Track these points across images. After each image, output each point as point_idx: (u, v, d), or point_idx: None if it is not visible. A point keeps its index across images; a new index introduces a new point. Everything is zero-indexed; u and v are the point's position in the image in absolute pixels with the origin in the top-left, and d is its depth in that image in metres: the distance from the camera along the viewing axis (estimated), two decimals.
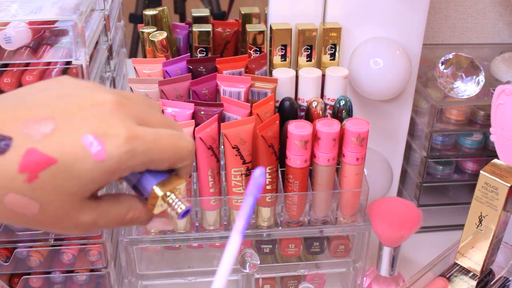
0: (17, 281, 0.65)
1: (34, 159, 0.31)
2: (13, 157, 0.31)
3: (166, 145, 0.35)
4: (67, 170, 0.32)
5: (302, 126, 0.60)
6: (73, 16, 0.54)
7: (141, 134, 0.34)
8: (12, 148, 0.31)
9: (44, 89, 0.35)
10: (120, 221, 0.37)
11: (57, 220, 0.33)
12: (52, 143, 0.31)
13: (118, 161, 0.33)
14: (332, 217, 0.67)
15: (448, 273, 0.65)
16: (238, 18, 0.74)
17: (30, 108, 0.33)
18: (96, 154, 0.32)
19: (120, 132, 0.33)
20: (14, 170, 0.31)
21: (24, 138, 0.31)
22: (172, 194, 0.36)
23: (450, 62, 0.78)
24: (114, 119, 0.33)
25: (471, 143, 0.82)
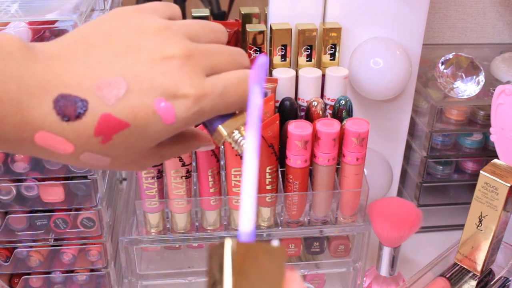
0: (17, 281, 0.65)
1: (108, 124, 0.32)
2: (89, 121, 0.32)
3: (233, 97, 0.36)
4: (139, 132, 0.33)
5: (302, 126, 0.60)
6: (73, 16, 0.54)
7: (209, 91, 0.34)
8: (88, 112, 0.32)
9: (111, 32, 0.34)
10: (182, 152, 0.41)
11: (125, 166, 0.36)
12: (125, 107, 0.32)
13: (186, 122, 0.34)
14: (332, 217, 0.67)
15: (448, 273, 0.65)
16: (238, 18, 0.74)
17: (101, 63, 0.33)
18: (166, 118, 0.33)
19: (189, 93, 0.34)
20: (90, 133, 0.32)
21: (99, 102, 0.32)
22: (237, 131, 0.37)
23: (450, 62, 0.78)
24: (183, 77, 0.34)
25: (471, 143, 0.82)
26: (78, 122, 0.32)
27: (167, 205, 0.64)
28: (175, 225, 0.65)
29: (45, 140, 0.32)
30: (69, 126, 0.32)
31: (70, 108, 0.31)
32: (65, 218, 0.61)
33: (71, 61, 0.33)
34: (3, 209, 0.61)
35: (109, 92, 0.32)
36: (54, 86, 0.31)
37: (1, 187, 0.59)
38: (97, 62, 0.33)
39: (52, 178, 0.59)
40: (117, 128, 0.33)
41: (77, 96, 0.32)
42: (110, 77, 0.33)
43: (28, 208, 0.61)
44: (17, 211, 0.61)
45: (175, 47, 0.34)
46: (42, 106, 0.31)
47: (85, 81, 0.32)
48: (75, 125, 0.32)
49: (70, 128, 0.32)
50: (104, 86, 0.32)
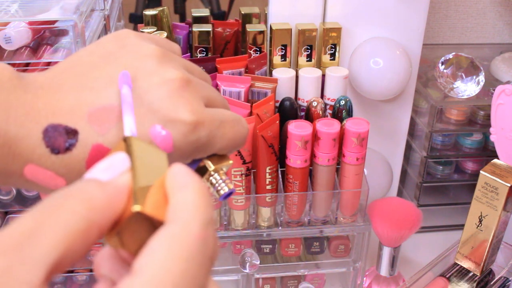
0: None
1: (100, 154, 0.30)
2: (80, 153, 0.30)
3: (228, 133, 0.34)
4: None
5: (302, 126, 0.60)
6: (73, 16, 0.54)
7: (208, 121, 0.32)
8: (79, 143, 0.30)
9: (106, 56, 0.33)
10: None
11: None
12: (118, 136, 0.30)
13: (183, 152, 0.32)
14: (332, 217, 0.67)
15: (448, 273, 0.65)
16: (238, 18, 0.74)
17: (93, 89, 0.31)
18: (164, 147, 0.31)
19: (188, 118, 0.31)
20: (81, 166, 0.30)
21: (90, 132, 0.30)
22: (216, 174, 0.34)
23: (450, 62, 0.78)
24: (182, 101, 0.31)
25: (471, 143, 0.82)
26: (68, 155, 0.30)
27: None
28: None
29: (34, 174, 0.30)
30: (59, 159, 0.30)
31: (60, 139, 0.30)
32: None
33: (62, 89, 0.31)
34: (3, 209, 0.61)
35: (101, 121, 0.30)
36: (44, 115, 0.30)
37: (1, 187, 0.59)
38: (89, 89, 0.31)
39: None
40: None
41: (67, 126, 0.30)
42: (103, 103, 0.30)
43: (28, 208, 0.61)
44: (17, 211, 0.61)
45: (175, 71, 0.32)
46: (31, 137, 0.29)
47: (76, 109, 0.30)
48: (65, 158, 0.30)
49: (60, 162, 0.30)
50: (96, 114, 0.30)
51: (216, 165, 0.34)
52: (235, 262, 0.66)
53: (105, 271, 0.27)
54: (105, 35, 0.35)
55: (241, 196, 0.63)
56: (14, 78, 0.30)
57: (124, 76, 0.31)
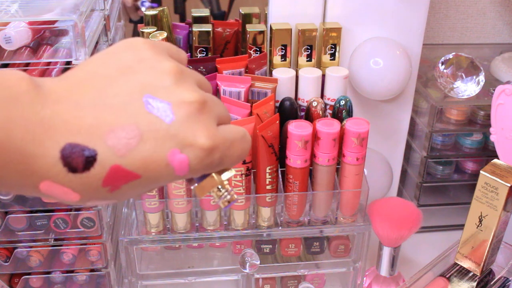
0: (17, 281, 0.65)
1: (118, 176, 0.31)
2: (98, 173, 0.30)
3: (237, 151, 0.35)
4: (148, 183, 0.32)
5: (302, 126, 0.60)
6: (73, 16, 0.54)
7: (221, 143, 0.33)
8: (97, 163, 0.30)
9: (123, 70, 0.32)
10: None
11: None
12: (137, 159, 0.31)
13: (196, 173, 0.33)
14: (332, 217, 0.67)
15: (448, 273, 0.65)
16: (238, 18, 0.74)
17: (112, 108, 0.31)
18: (180, 170, 0.32)
19: (205, 144, 0.32)
20: (98, 185, 0.31)
21: (109, 152, 0.30)
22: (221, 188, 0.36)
23: (450, 62, 0.78)
24: (200, 126, 0.32)
25: (471, 143, 0.82)
26: (86, 174, 0.30)
27: (167, 205, 0.64)
28: (175, 225, 0.65)
29: (50, 189, 0.30)
30: (76, 178, 0.30)
31: (78, 159, 0.30)
32: (65, 218, 0.61)
33: (79, 105, 0.31)
34: (3, 209, 0.61)
35: (121, 142, 0.30)
36: (62, 134, 0.30)
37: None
38: (109, 107, 0.31)
39: None
40: (126, 179, 0.31)
41: (85, 146, 0.30)
42: (122, 124, 0.30)
43: (28, 208, 0.61)
44: (17, 211, 0.61)
45: (192, 93, 0.32)
46: (48, 156, 0.29)
47: (95, 129, 0.30)
48: (83, 177, 0.30)
49: (77, 180, 0.30)
50: (115, 134, 0.30)
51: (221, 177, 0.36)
52: (235, 262, 0.66)
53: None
54: (118, 43, 0.34)
55: (241, 196, 0.63)
56: (31, 90, 0.30)
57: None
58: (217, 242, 0.68)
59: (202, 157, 0.32)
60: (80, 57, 0.55)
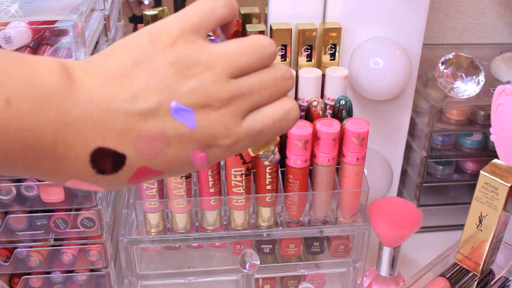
0: (17, 281, 0.65)
1: (143, 175, 0.33)
2: (125, 174, 0.32)
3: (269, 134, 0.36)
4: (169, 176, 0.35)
5: (302, 126, 0.60)
6: (73, 16, 0.54)
7: (243, 137, 0.35)
8: (125, 167, 0.32)
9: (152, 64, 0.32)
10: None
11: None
12: (162, 161, 0.33)
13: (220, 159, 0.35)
14: (332, 217, 0.67)
15: (448, 273, 0.65)
16: (238, 18, 0.74)
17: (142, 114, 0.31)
18: (199, 165, 0.34)
19: (224, 143, 0.34)
20: (124, 182, 0.33)
21: (137, 157, 0.32)
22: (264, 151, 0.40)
23: (450, 62, 0.78)
24: (221, 128, 0.33)
25: (471, 143, 0.82)
26: (114, 176, 0.32)
27: (167, 205, 0.64)
28: (175, 225, 0.65)
29: (76, 185, 0.32)
30: (104, 178, 0.32)
31: (107, 164, 0.31)
32: (65, 218, 0.61)
33: (110, 108, 0.30)
34: (3, 209, 0.61)
35: (148, 147, 0.32)
36: (92, 138, 0.30)
37: (1, 187, 0.59)
38: (139, 113, 0.31)
39: None
40: (150, 176, 0.33)
41: (115, 151, 0.31)
42: (151, 131, 0.31)
43: (28, 208, 0.61)
44: (17, 211, 0.61)
45: (217, 94, 0.32)
46: (78, 158, 0.30)
47: (125, 134, 0.31)
48: (110, 178, 0.32)
49: (104, 180, 0.32)
50: (144, 141, 0.31)
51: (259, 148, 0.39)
52: (235, 262, 0.66)
53: None
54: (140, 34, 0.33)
55: (241, 196, 0.63)
56: (62, 86, 0.29)
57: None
58: (217, 242, 0.68)
59: (220, 153, 0.34)
60: (80, 57, 0.55)
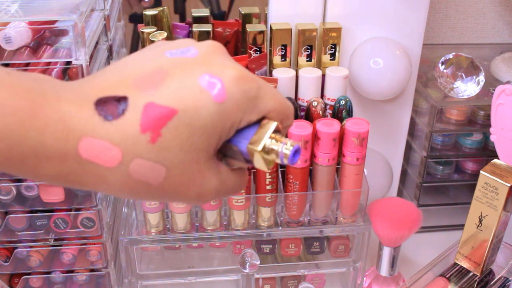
0: (17, 281, 0.65)
1: (154, 113, 0.29)
2: (133, 116, 0.29)
3: (276, 96, 0.34)
4: (189, 121, 0.30)
5: (302, 126, 0.60)
6: (73, 16, 0.54)
7: (253, 76, 0.33)
8: (130, 107, 0.29)
9: (144, 51, 0.33)
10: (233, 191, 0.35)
11: (181, 188, 0.31)
12: (168, 92, 0.30)
13: (237, 102, 0.31)
14: (332, 217, 0.67)
15: (448, 273, 0.65)
16: (238, 18, 0.74)
17: (135, 66, 0.31)
18: (217, 94, 0.30)
19: (236, 71, 0.31)
20: (136, 131, 0.29)
21: (139, 95, 0.30)
22: (272, 141, 0.32)
23: (450, 62, 0.78)
24: (226, 61, 0.32)
25: (471, 143, 0.82)
26: (122, 120, 0.29)
27: (167, 205, 0.64)
28: (175, 225, 0.65)
29: (89, 149, 0.29)
30: (113, 126, 0.29)
31: (112, 107, 0.29)
32: (65, 218, 0.61)
33: (105, 72, 0.32)
34: (3, 209, 0.61)
35: (148, 83, 0.30)
36: (92, 93, 0.30)
37: (1, 187, 0.59)
38: (131, 66, 0.32)
39: None
40: (164, 117, 0.29)
41: (116, 95, 0.30)
42: (148, 70, 0.31)
43: (28, 208, 0.61)
44: (17, 211, 0.61)
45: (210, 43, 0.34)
46: (83, 110, 0.29)
47: (122, 82, 0.31)
48: (119, 124, 0.29)
49: (114, 128, 0.29)
50: (142, 80, 0.30)
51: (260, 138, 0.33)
52: (235, 262, 0.66)
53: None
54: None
55: (241, 196, 0.63)
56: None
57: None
58: (217, 242, 0.68)
59: (236, 77, 0.31)
60: (80, 57, 0.55)
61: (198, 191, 0.32)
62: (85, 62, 0.55)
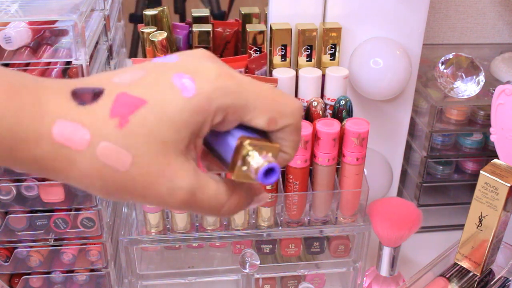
0: (17, 281, 0.65)
1: (124, 102, 0.31)
2: (105, 103, 0.31)
3: (264, 91, 0.33)
4: (158, 112, 0.31)
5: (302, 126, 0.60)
6: (73, 16, 0.54)
7: (236, 75, 0.33)
8: (104, 95, 0.31)
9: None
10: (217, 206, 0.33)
11: (150, 179, 0.31)
12: (142, 86, 0.31)
13: (208, 97, 0.31)
14: (332, 217, 0.67)
15: (448, 273, 0.65)
16: (238, 18, 0.74)
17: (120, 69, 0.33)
18: (185, 89, 0.31)
19: (213, 69, 0.32)
20: (106, 115, 0.30)
21: (115, 86, 0.31)
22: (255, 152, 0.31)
23: (450, 62, 0.78)
24: (206, 61, 0.33)
25: (471, 143, 0.82)
26: (94, 105, 0.31)
27: None
28: (175, 225, 0.65)
29: (62, 131, 0.30)
30: (86, 109, 0.31)
31: (87, 95, 0.31)
32: (65, 218, 0.61)
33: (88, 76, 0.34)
34: (3, 209, 0.61)
35: (127, 77, 0.32)
36: (71, 84, 0.32)
37: (1, 187, 0.59)
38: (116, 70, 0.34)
39: None
40: (133, 105, 0.31)
41: (94, 87, 0.32)
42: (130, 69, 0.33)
43: (28, 208, 0.61)
44: (17, 211, 0.61)
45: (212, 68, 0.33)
46: (59, 96, 0.31)
47: (103, 77, 0.32)
48: (92, 107, 0.31)
49: (86, 112, 0.31)
50: (122, 74, 0.32)
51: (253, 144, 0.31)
52: (235, 262, 0.66)
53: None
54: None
55: None
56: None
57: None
58: (217, 242, 0.68)
59: (210, 77, 0.32)
60: (80, 57, 0.55)
61: (168, 186, 0.32)
62: (85, 62, 0.55)
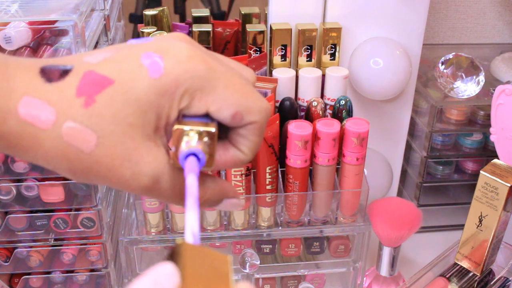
0: (17, 281, 0.65)
1: (91, 80, 0.30)
2: (72, 81, 0.30)
3: (236, 83, 0.32)
4: (124, 92, 0.30)
5: (302, 126, 0.60)
6: (73, 16, 0.54)
7: (209, 60, 0.32)
8: (72, 73, 0.30)
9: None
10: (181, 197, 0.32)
11: (115, 162, 0.30)
12: (110, 65, 0.31)
13: (175, 79, 0.30)
14: (332, 217, 0.67)
15: (448, 273, 0.65)
16: (238, 18, 0.74)
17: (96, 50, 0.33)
18: (153, 70, 0.30)
19: (185, 49, 0.31)
20: (72, 93, 0.30)
21: (84, 64, 0.31)
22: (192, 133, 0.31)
23: (450, 62, 0.78)
24: (181, 43, 0.32)
25: (471, 143, 0.82)
26: (61, 82, 0.30)
27: (167, 205, 0.64)
28: (175, 225, 0.65)
29: (28, 108, 0.30)
30: (52, 87, 0.30)
31: (55, 71, 0.30)
32: (65, 218, 0.61)
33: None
34: (3, 209, 0.61)
35: (96, 56, 0.31)
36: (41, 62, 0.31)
37: (1, 187, 0.59)
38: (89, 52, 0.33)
39: (52, 178, 0.59)
40: (99, 85, 0.30)
41: (63, 64, 0.31)
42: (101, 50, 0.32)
43: (28, 208, 0.61)
44: (17, 211, 0.61)
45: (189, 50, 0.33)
46: (28, 73, 0.30)
47: (74, 57, 0.32)
48: (58, 85, 0.30)
49: (53, 89, 0.30)
50: (92, 53, 0.32)
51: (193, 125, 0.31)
52: (235, 262, 0.66)
53: None
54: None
55: (241, 196, 0.63)
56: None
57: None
58: (217, 242, 0.68)
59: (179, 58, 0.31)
60: None
61: (133, 170, 0.31)
62: None
